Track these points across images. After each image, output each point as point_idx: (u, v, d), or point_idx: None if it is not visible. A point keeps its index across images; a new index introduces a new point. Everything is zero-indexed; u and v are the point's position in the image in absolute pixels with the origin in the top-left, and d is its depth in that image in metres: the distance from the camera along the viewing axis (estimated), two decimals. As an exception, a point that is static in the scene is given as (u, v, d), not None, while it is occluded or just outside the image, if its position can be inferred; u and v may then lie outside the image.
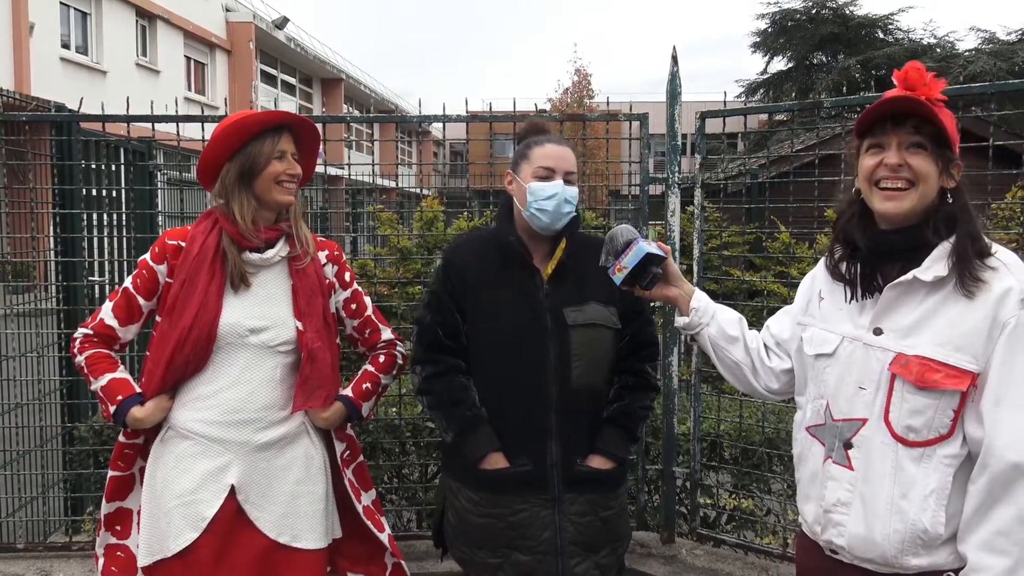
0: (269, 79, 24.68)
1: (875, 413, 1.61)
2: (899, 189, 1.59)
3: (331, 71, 27.66)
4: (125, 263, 3.97)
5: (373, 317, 2.36)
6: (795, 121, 5.43)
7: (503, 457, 2.16)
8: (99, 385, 2.08)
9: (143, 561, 2.05)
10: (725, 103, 3.44)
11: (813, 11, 21.15)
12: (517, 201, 2.22)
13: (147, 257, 2.11)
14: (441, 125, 3.44)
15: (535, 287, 2.19)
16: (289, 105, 24.52)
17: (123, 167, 4.07)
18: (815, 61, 22.11)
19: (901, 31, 21.19)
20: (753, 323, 1.99)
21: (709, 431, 3.49)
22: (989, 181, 2.88)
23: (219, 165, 2.08)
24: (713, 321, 1.91)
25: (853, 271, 1.69)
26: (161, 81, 18.60)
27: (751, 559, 3.34)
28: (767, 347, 1.93)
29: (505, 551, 2.16)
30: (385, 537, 2.29)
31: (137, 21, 18.19)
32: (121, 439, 2.15)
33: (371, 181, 4.07)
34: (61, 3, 15.59)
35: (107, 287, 3.85)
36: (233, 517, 2.03)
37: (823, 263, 1.83)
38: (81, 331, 2.13)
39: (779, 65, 22.78)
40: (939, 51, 19.28)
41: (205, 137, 3.25)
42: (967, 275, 1.54)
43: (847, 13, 20.98)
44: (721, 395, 3.77)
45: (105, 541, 2.19)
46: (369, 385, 2.28)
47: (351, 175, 6.37)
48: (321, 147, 2.29)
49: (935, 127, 1.57)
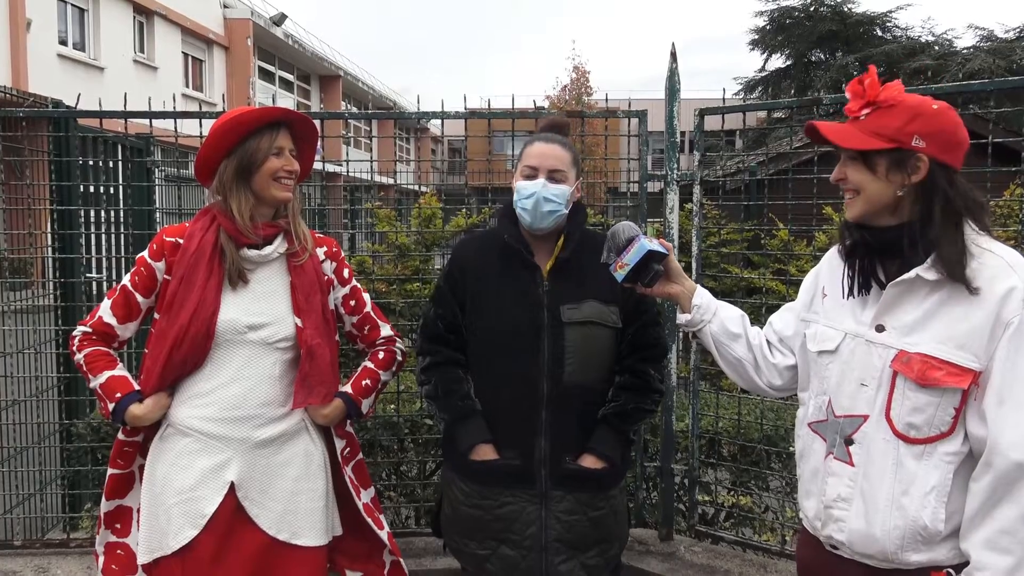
0: (267, 76, 24.64)
1: (876, 410, 1.62)
2: (848, 196, 1.67)
3: (329, 68, 27.62)
4: (123, 260, 3.97)
5: (372, 314, 2.36)
6: (794, 118, 5.43)
7: (493, 449, 2.19)
8: (98, 383, 2.07)
9: (143, 559, 2.05)
10: (724, 100, 3.44)
11: (811, 8, 21.15)
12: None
13: (145, 255, 2.10)
14: (439, 122, 3.43)
15: (535, 284, 2.19)
16: (287, 102, 24.47)
17: (121, 163, 4.07)
18: (813, 58, 22.11)
19: (899, 28, 21.20)
20: (752, 320, 1.99)
21: (707, 428, 3.49)
22: (987, 178, 2.89)
23: (217, 162, 2.07)
24: (715, 318, 1.91)
25: (854, 265, 1.69)
26: (159, 78, 18.57)
27: (749, 556, 3.35)
28: (770, 343, 1.94)
29: (492, 543, 2.18)
30: (384, 535, 2.29)
31: (134, 17, 18.14)
32: (120, 437, 2.14)
33: (369, 178, 4.06)
34: (58, -1, 15.58)
35: (105, 284, 3.85)
36: (232, 514, 2.02)
37: (828, 257, 1.84)
38: (80, 329, 2.13)
39: (777, 62, 22.78)
40: (937, 49, 19.28)
41: (203, 134, 3.23)
42: (961, 281, 1.54)
43: (845, 11, 20.98)
44: (719, 392, 3.77)
45: (105, 539, 2.19)
46: (369, 382, 2.28)
47: (349, 172, 6.37)
48: (319, 143, 2.28)
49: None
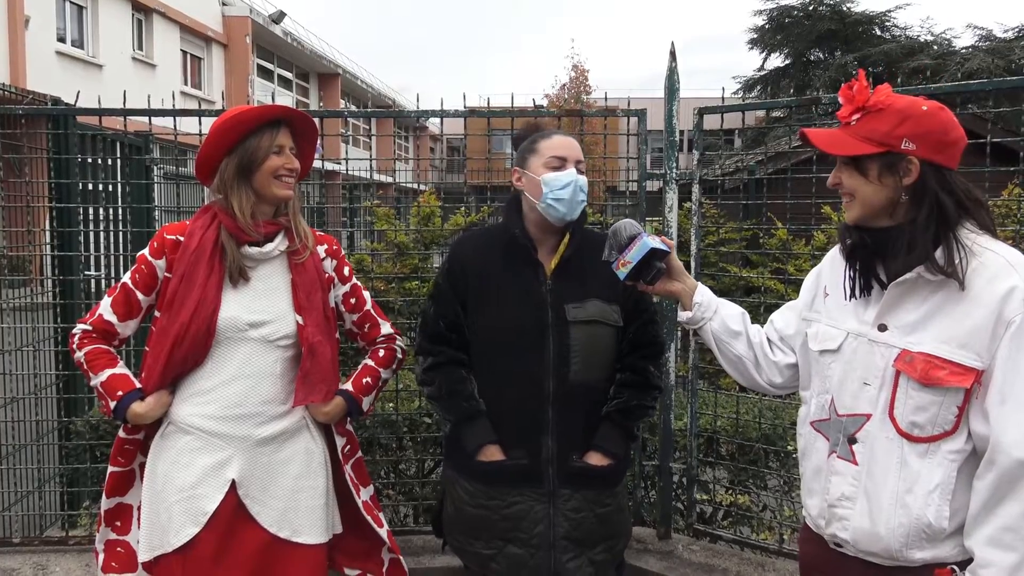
0: (266, 74, 24.62)
1: (879, 409, 1.62)
2: (845, 200, 1.69)
3: (328, 66, 27.59)
4: (122, 258, 3.97)
5: (372, 312, 2.36)
6: (792, 118, 5.43)
7: (499, 449, 2.18)
8: (99, 381, 2.07)
9: (143, 556, 2.05)
10: (723, 99, 3.44)
11: (810, 8, 21.15)
12: (529, 195, 2.21)
13: (145, 252, 2.10)
14: (438, 121, 3.42)
15: (538, 282, 2.19)
16: (286, 100, 24.44)
17: (119, 161, 4.06)
18: (812, 58, 22.11)
19: (898, 28, 21.21)
20: (751, 319, 1.99)
21: (706, 427, 3.49)
22: (986, 178, 2.89)
23: (217, 160, 2.07)
24: (716, 316, 1.92)
25: (855, 266, 1.69)
26: (157, 75, 18.56)
27: (747, 555, 3.35)
28: (771, 341, 1.94)
29: (498, 543, 2.17)
30: (384, 532, 2.30)
31: (133, 15, 18.13)
32: (121, 435, 2.14)
33: (368, 176, 4.06)
34: (57, -4, 15.56)
35: (103, 282, 3.84)
36: (234, 512, 2.02)
37: (830, 257, 1.84)
38: (80, 327, 2.12)
39: (776, 62, 22.79)
40: (936, 48, 19.29)
41: (202, 131, 3.23)
42: (953, 277, 1.54)
43: (844, 10, 20.98)
44: (718, 391, 3.77)
45: (105, 537, 2.19)
46: (369, 379, 2.28)
47: (348, 170, 6.36)
48: (318, 142, 2.29)
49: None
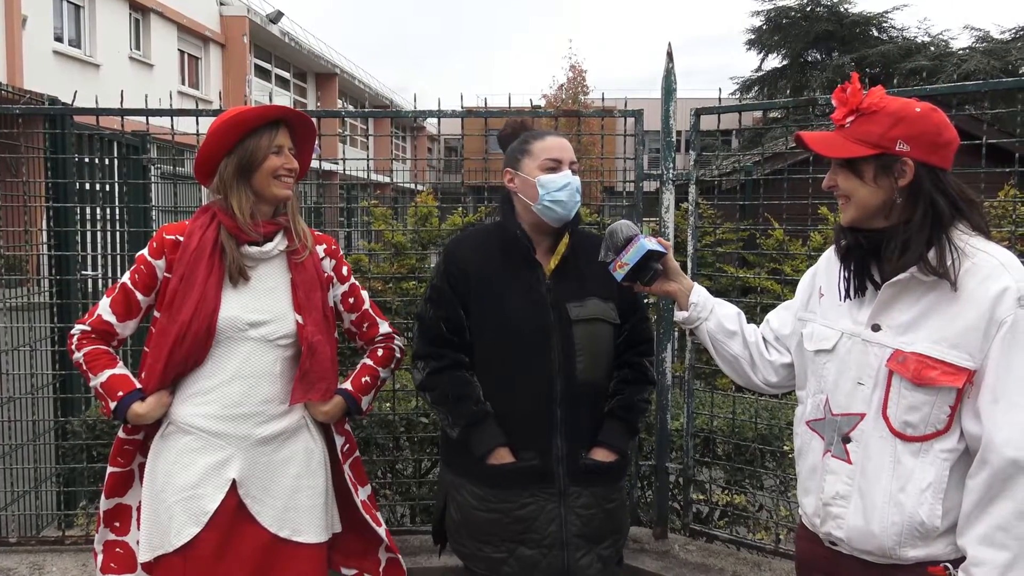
0: (263, 73, 24.59)
1: (873, 408, 1.64)
2: (841, 202, 1.69)
3: (325, 66, 27.57)
4: (118, 257, 3.96)
5: (371, 311, 2.37)
6: (790, 118, 5.44)
7: (509, 452, 2.15)
8: (98, 381, 2.06)
9: (144, 557, 2.04)
10: (720, 100, 3.44)
11: (808, 8, 21.18)
12: (524, 197, 2.21)
13: (145, 252, 2.10)
14: (436, 121, 3.43)
15: (538, 282, 2.19)
16: (283, 100, 24.42)
17: (116, 161, 4.06)
18: (809, 59, 22.15)
19: (895, 29, 21.25)
20: (747, 319, 2.00)
21: (702, 427, 3.49)
22: (982, 179, 2.90)
23: (216, 160, 2.08)
24: (712, 316, 1.93)
25: (849, 267, 1.71)
26: (154, 75, 18.52)
27: (743, 555, 3.36)
28: (766, 341, 1.95)
29: (510, 545, 2.16)
30: (382, 531, 2.30)
31: (130, 14, 18.09)
32: (120, 435, 2.14)
33: (366, 176, 4.06)
34: (54, -4, 15.53)
35: (100, 281, 3.84)
36: (234, 511, 2.03)
37: (826, 257, 1.85)
38: (79, 327, 2.12)
39: (774, 62, 22.83)
40: (933, 49, 19.31)
41: (199, 131, 3.23)
42: (945, 277, 1.55)
43: (841, 11, 21.02)
44: (714, 391, 3.78)
45: (104, 537, 2.19)
46: (368, 379, 2.29)
47: (346, 170, 6.36)
48: (316, 141, 2.29)
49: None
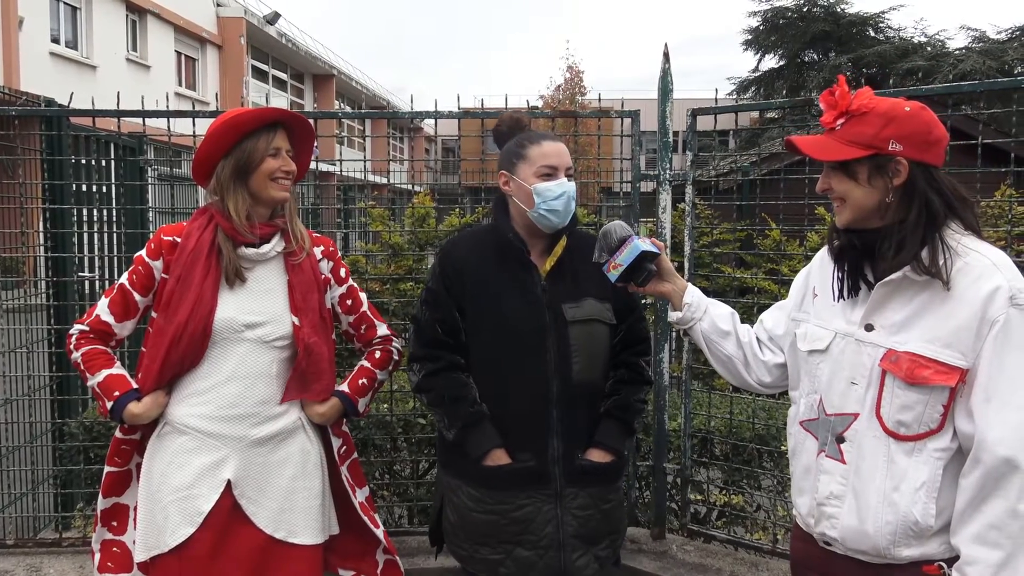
0: (260, 75, 24.58)
1: (867, 408, 1.64)
2: (836, 204, 1.69)
3: (323, 67, 27.58)
4: (115, 259, 3.96)
5: (369, 313, 2.37)
6: (786, 119, 5.44)
7: (505, 453, 2.16)
8: (95, 381, 2.07)
9: (140, 557, 2.05)
10: (716, 100, 3.45)
11: (805, 9, 21.21)
12: (518, 201, 2.20)
13: (143, 253, 2.11)
14: (433, 121, 3.43)
15: (533, 284, 2.19)
16: (280, 101, 24.42)
17: (113, 162, 4.06)
18: (806, 59, 22.18)
19: (892, 29, 21.29)
20: (744, 319, 2.00)
21: (700, 427, 3.50)
22: (977, 179, 2.90)
23: (214, 162, 2.08)
24: (706, 316, 1.93)
25: (843, 267, 1.71)
26: (151, 76, 18.51)
27: (741, 555, 3.36)
28: (760, 341, 1.96)
29: (507, 547, 2.16)
30: (381, 533, 2.30)
31: (127, 16, 18.09)
32: (118, 435, 2.15)
33: (363, 177, 4.06)
34: (50, -3, 15.51)
35: (97, 283, 3.84)
36: (229, 512, 2.03)
37: (819, 257, 1.85)
38: (77, 327, 2.13)
39: (771, 63, 22.86)
40: (929, 49, 19.35)
41: (196, 133, 3.23)
42: (937, 277, 1.56)
43: (838, 11, 21.05)
44: (712, 391, 3.78)
45: (101, 537, 2.19)
46: (365, 381, 2.29)
47: (343, 171, 6.35)
48: (315, 143, 2.29)
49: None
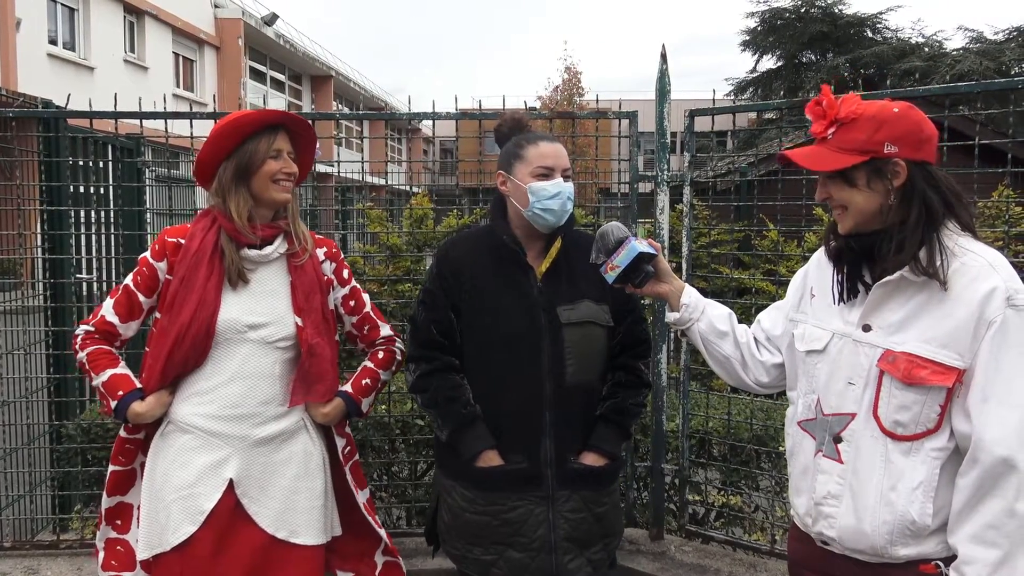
0: (258, 76, 24.56)
1: (864, 408, 1.64)
2: (837, 212, 1.68)
3: (321, 68, 27.57)
4: (113, 260, 3.96)
5: (372, 314, 2.37)
6: (784, 119, 5.45)
7: (498, 455, 2.16)
8: (100, 381, 2.09)
9: (142, 555, 2.06)
10: (714, 101, 3.45)
11: (802, 10, 21.23)
12: (515, 201, 2.20)
13: (147, 255, 2.13)
14: (431, 123, 3.44)
15: (529, 285, 2.19)
16: (278, 102, 24.42)
17: (111, 164, 4.05)
18: (804, 60, 22.20)
19: (889, 30, 21.32)
20: (742, 320, 2.00)
21: (698, 428, 3.50)
22: (975, 180, 2.91)
23: (216, 164, 2.10)
24: (703, 316, 1.94)
25: (842, 270, 1.71)
26: (149, 77, 18.50)
27: (739, 555, 3.36)
28: (758, 341, 1.96)
29: (499, 548, 2.16)
30: (384, 533, 2.32)
31: (125, 17, 18.07)
32: (122, 434, 2.16)
33: (361, 178, 4.06)
34: (48, -2, 15.50)
35: (95, 284, 3.83)
36: (232, 511, 2.04)
37: (816, 258, 1.85)
38: (82, 328, 2.15)
39: (768, 64, 22.88)
40: (927, 50, 19.38)
41: (194, 134, 3.23)
42: (935, 277, 1.56)
43: (836, 12, 21.07)
44: (710, 392, 3.79)
45: (105, 535, 2.20)
46: (368, 381, 2.29)
47: (341, 172, 6.35)
48: (317, 145, 2.30)
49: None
